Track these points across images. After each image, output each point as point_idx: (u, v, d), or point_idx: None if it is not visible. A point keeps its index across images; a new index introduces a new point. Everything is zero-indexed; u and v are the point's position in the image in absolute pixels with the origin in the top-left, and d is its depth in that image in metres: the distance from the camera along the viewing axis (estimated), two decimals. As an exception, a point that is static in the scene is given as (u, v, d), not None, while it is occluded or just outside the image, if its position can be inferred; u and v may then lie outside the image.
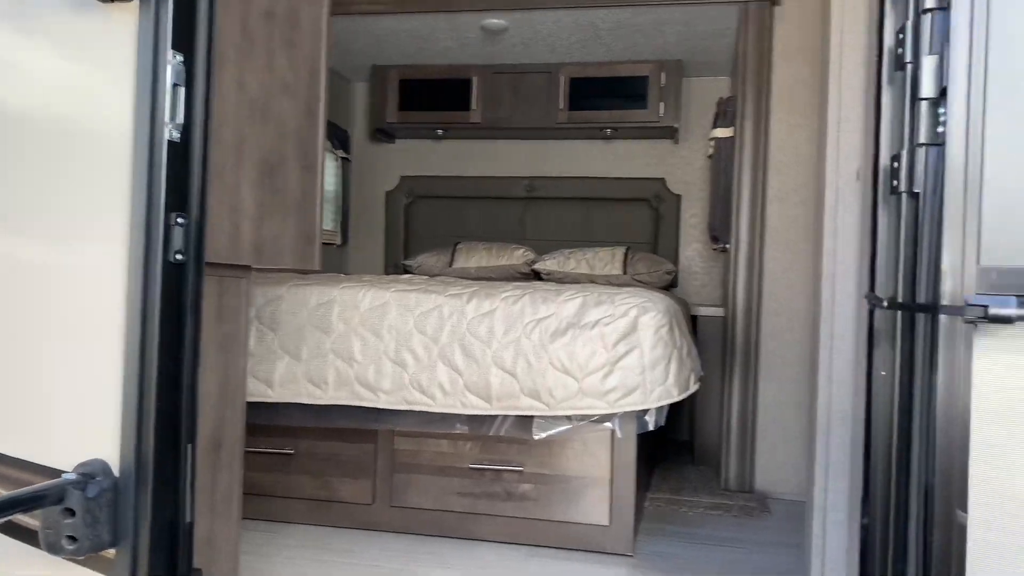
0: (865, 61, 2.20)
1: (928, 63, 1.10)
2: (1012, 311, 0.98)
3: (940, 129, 1.08)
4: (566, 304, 2.83)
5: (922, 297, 1.10)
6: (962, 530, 1.04)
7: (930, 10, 1.09)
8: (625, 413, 2.79)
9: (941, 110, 1.08)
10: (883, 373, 1.19)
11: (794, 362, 3.76)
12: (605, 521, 2.86)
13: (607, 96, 4.64)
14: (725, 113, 4.05)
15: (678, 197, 4.90)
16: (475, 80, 4.79)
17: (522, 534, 2.92)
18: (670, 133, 4.76)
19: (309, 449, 3.07)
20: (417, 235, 5.29)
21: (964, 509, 1.04)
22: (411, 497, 3.00)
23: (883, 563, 1.16)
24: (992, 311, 0.98)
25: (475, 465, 2.94)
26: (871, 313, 1.22)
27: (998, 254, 1.02)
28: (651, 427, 2.82)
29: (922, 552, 1.08)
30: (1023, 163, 1.01)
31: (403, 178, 5.28)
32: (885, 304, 1.18)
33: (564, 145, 5.08)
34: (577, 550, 2.88)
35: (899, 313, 1.16)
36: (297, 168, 1.88)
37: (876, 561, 1.18)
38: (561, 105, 4.68)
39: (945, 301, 1.04)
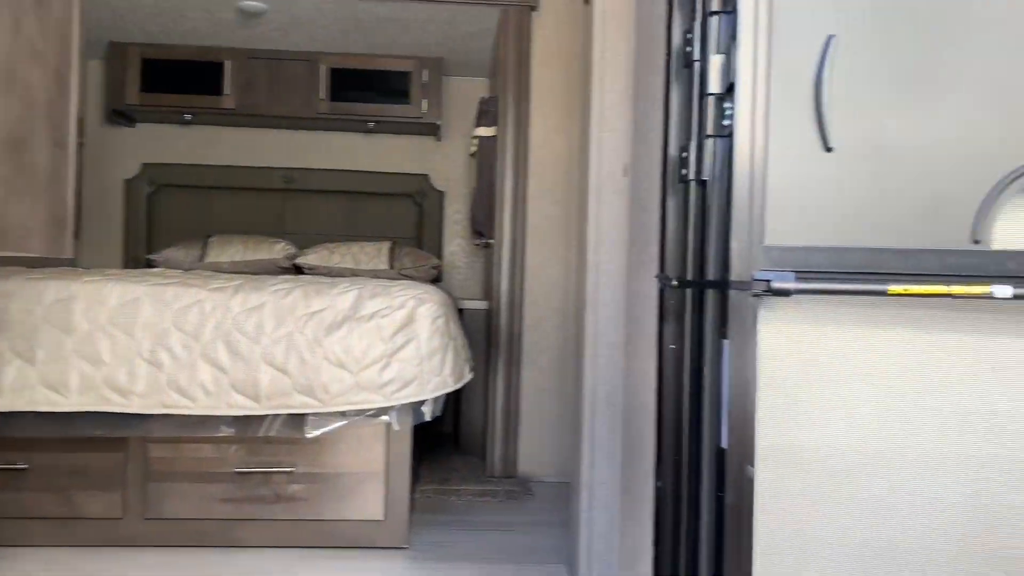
0: (627, 67, 2.37)
1: (715, 61, 1.21)
2: (791, 285, 1.11)
3: (726, 122, 1.20)
4: (341, 297, 2.77)
5: (711, 275, 1.21)
6: (750, 483, 1.16)
7: (716, 12, 1.21)
8: (402, 405, 2.78)
9: (727, 104, 1.20)
10: (672, 347, 1.29)
11: (553, 351, 3.96)
12: (380, 516, 2.83)
13: (369, 89, 4.59)
14: (487, 112, 4.17)
15: (441, 193, 4.97)
16: (229, 64, 4.52)
17: (293, 537, 2.81)
18: (432, 130, 4.81)
19: (48, 462, 2.73)
20: (162, 227, 4.90)
21: (752, 464, 1.16)
22: (168, 507, 2.77)
23: (676, 520, 1.27)
24: (774, 285, 1.11)
25: (241, 469, 2.78)
26: (661, 292, 1.32)
27: (779, 234, 1.15)
28: (428, 417, 2.84)
29: (715, 506, 1.19)
30: (802, 152, 1.15)
31: (145, 165, 4.86)
32: (675, 283, 1.29)
33: (325, 136, 4.96)
34: (352, 547, 2.82)
35: (688, 291, 1.26)
36: (47, 144, 1.68)
37: (669, 519, 1.27)
38: (322, 95, 4.56)
39: (734, 277, 1.15)
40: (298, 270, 4.35)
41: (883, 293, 1.10)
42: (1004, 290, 1.07)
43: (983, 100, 1.14)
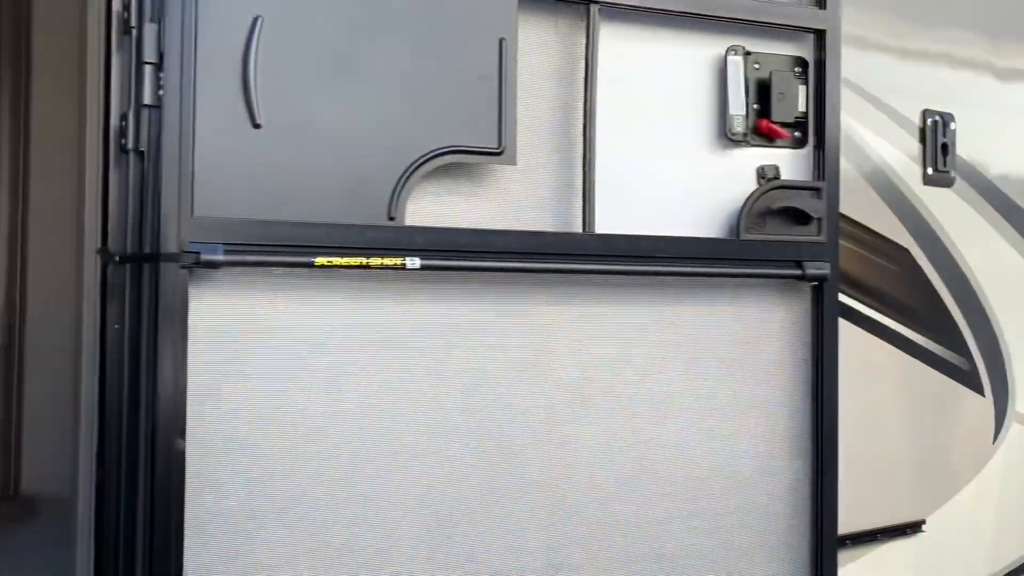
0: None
1: (150, 30, 1.19)
2: (220, 257, 1.14)
3: (162, 92, 1.18)
4: None
5: (148, 248, 1.18)
6: (181, 455, 1.16)
7: (149, -21, 1.18)
8: None
9: (163, 74, 1.18)
10: (116, 327, 1.24)
11: (69, 353, 3.56)
12: None
13: None
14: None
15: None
16: None
17: None
18: None
19: None
20: None
21: (183, 438, 1.16)
22: None
23: (117, 502, 1.22)
24: (204, 257, 1.13)
25: None
26: (104, 269, 1.26)
27: (209, 206, 1.17)
28: None
29: (150, 481, 1.17)
30: (227, 124, 1.18)
31: None
32: (117, 259, 1.23)
33: None
34: None
35: (129, 266, 1.22)
36: None
37: (112, 506, 1.22)
38: None
39: (166, 250, 1.14)
40: None
41: (311, 265, 1.18)
42: (414, 261, 1.22)
43: (394, 92, 1.29)
